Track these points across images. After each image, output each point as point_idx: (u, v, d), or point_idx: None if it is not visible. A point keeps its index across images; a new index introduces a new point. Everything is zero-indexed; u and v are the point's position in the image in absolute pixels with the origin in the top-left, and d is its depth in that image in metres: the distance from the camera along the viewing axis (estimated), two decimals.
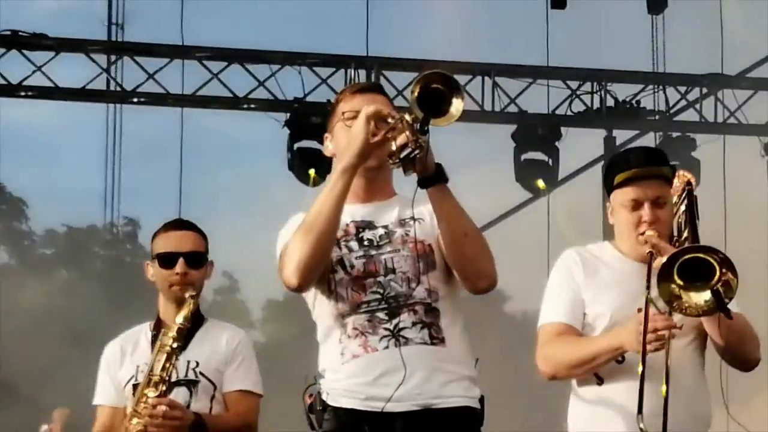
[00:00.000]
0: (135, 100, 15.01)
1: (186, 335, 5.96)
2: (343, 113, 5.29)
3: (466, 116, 15.13)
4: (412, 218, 5.14)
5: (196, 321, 6.07)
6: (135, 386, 5.93)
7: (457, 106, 4.80)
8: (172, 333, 5.86)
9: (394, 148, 4.92)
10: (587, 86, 15.96)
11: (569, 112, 15.99)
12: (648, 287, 5.20)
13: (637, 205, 5.43)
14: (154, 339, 6.05)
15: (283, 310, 23.14)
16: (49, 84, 15.29)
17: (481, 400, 5.20)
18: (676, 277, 5.08)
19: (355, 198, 5.17)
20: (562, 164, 15.68)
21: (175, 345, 5.86)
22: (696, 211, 5.58)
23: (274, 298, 24.19)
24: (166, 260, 6.11)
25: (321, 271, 5.09)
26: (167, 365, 5.82)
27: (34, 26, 15.49)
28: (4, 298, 17.27)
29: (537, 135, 15.59)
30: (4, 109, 16.08)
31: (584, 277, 5.52)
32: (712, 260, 5.05)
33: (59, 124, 15.83)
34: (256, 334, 25.20)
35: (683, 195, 5.57)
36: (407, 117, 4.80)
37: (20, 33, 15.30)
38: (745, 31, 16.82)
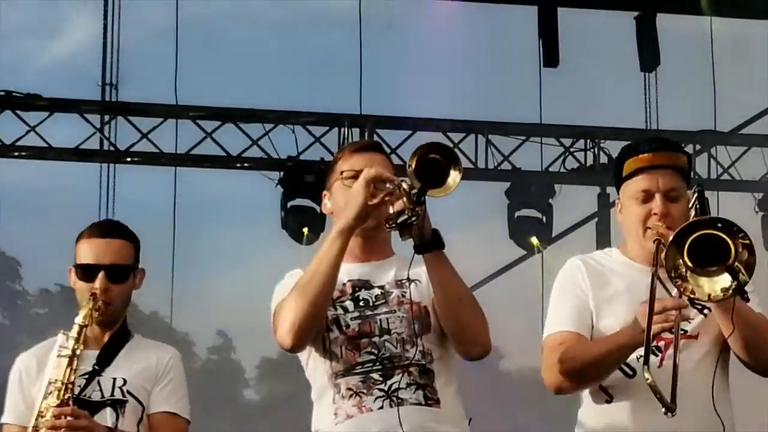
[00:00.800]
0: (128, 159, 15.03)
1: (110, 351, 5.60)
2: (342, 172, 5.32)
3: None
4: (408, 279, 5.12)
5: (122, 337, 5.69)
6: None
7: (454, 177, 4.81)
8: (73, 334, 5.40)
9: (391, 211, 4.92)
10: (580, 143, 16.01)
11: (563, 170, 16.01)
12: (655, 265, 4.84)
13: (648, 197, 5.12)
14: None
15: (277, 368, 23.16)
16: (42, 144, 15.26)
17: None
18: (685, 256, 4.62)
19: (352, 257, 5.17)
20: (556, 221, 15.71)
21: (75, 347, 5.40)
22: (709, 212, 5.06)
23: (268, 356, 24.25)
24: (86, 272, 5.59)
25: (315, 331, 5.07)
26: (68, 370, 5.34)
27: (28, 86, 15.49)
28: None
29: (531, 192, 15.64)
30: None
31: (590, 285, 5.21)
32: (728, 239, 4.59)
33: (53, 183, 15.79)
34: (250, 393, 25.18)
35: (694, 197, 5.07)
36: (405, 185, 4.82)
37: (14, 93, 15.29)
38: (737, 88, 16.88)
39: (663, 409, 4.57)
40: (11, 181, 16.51)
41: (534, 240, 15.62)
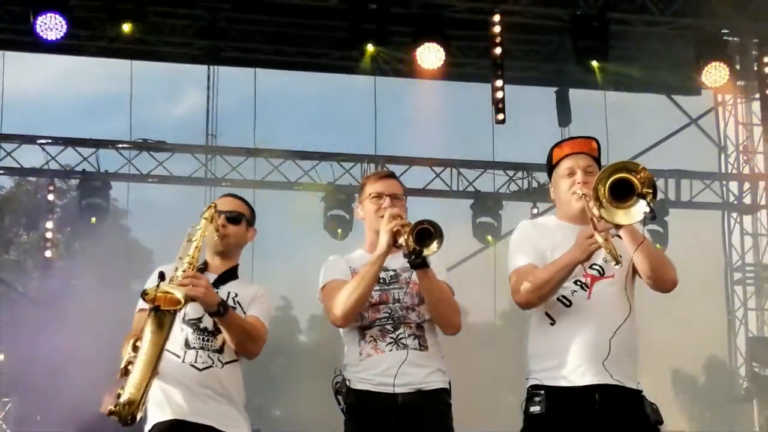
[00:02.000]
0: (223, 184, 15.04)
1: (225, 278, 5.36)
2: (370, 194, 5.44)
3: (441, 194, 14.91)
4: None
5: (233, 272, 5.41)
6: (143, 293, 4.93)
7: (437, 245, 4.94)
8: (199, 226, 5.19)
9: (401, 241, 5.05)
10: (519, 174, 16.01)
11: (508, 191, 16.00)
12: (589, 210, 4.71)
13: (572, 173, 5.01)
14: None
15: (320, 322, 23.11)
16: (167, 174, 15.37)
17: (449, 383, 5.28)
18: (607, 195, 4.54)
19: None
20: (503, 225, 15.68)
21: (200, 234, 5.16)
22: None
23: (314, 313, 24.12)
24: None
25: (359, 314, 5.20)
26: (194, 251, 5.08)
27: (157, 135, 15.58)
28: None
29: (487, 206, 15.64)
30: (137, 191, 16.12)
31: (538, 237, 5.04)
32: (631, 177, 4.51)
33: (172, 201, 15.76)
34: (303, 337, 25.11)
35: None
36: (410, 239, 4.95)
37: (148, 140, 15.37)
38: (622, 136, 16.90)
39: (613, 262, 4.55)
40: (145, 199, 16.54)
41: (489, 238, 15.65)
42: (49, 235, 15.40)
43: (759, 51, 14.94)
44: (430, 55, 13.09)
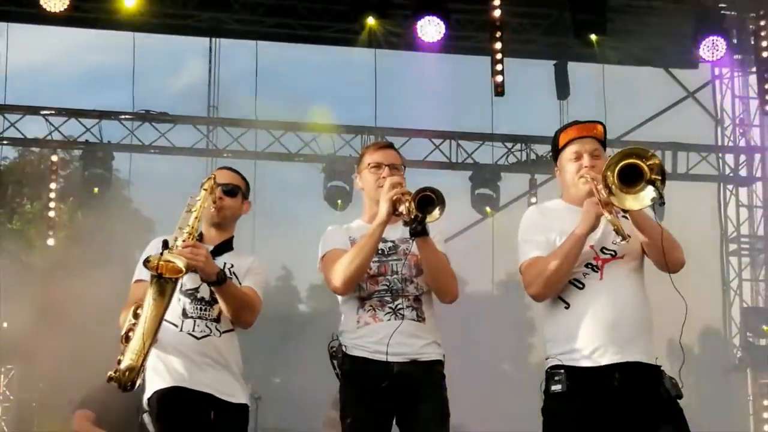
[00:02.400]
0: (224, 155, 15.07)
1: (221, 249, 5.40)
2: (369, 164, 5.48)
3: (440, 165, 14.96)
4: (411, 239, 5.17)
5: (229, 244, 5.47)
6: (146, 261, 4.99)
7: (439, 211, 4.97)
8: (199, 197, 5.25)
9: (401, 209, 5.08)
10: (518, 146, 16.05)
11: (506, 163, 16.04)
12: (596, 194, 4.77)
13: (578, 157, 5.02)
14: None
15: (320, 291, 23.16)
16: (169, 145, 15.43)
17: (443, 355, 5.34)
18: (615, 177, 4.58)
19: None
20: (501, 197, 15.76)
21: (200, 204, 5.21)
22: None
23: (314, 283, 24.15)
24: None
25: (358, 283, 5.23)
26: (194, 221, 5.15)
27: (159, 107, 15.62)
28: None
29: (485, 178, 15.69)
30: (139, 162, 16.13)
31: (545, 223, 5.02)
32: (641, 163, 4.55)
33: (174, 171, 15.80)
34: (303, 307, 25.15)
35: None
36: (412, 205, 4.97)
37: (150, 111, 15.41)
38: (621, 108, 16.90)
39: (620, 238, 4.60)
40: (147, 170, 16.56)
41: (487, 209, 15.70)
42: (52, 205, 15.46)
43: (756, 25, 15.01)
44: (431, 28, 13.17)
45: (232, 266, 5.42)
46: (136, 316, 4.88)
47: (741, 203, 17.10)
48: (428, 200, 4.95)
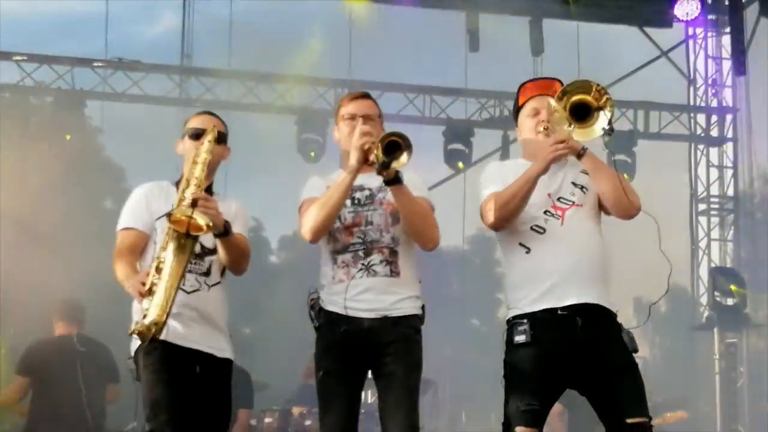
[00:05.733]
0: (197, 105, 14.98)
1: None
2: (343, 115, 5.41)
3: (413, 120, 14.89)
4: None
5: (210, 190, 5.31)
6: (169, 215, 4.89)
7: (407, 156, 4.90)
8: (205, 148, 5.19)
9: (371, 158, 5.00)
10: (491, 102, 16.04)
11: (479, 119, 16.02)
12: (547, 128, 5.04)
13: (536, 113, 5.15)
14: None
15: (291, 243, 23.18)
16: (141, 93, 15.31)
17: (423, 307, 5.28)
18: (567, 115, 4.81)
19: None
20: (474, 152, 15.76)
21: (205, 156, 5.16)
22: None
23: (285, 234, 24.11)
24: (198, 135, 5.35)
25: (328, 231, 5.16)
26: (201, 173, 5.12)
27: (133, 55, 15.49)
28: None
29: (458, 133, 15.68)
30: (111, 110, 16.00)
31: (506, 175, 5.11)
32: (588, 97, 4.79)
33: (147, 121, 15.69)
34: (274, 258, 25.17)
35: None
36: (379, 152, 4.91)
37: (123, 60, 15.28)
38: (595, 64, 16.91)
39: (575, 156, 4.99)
40: (119, 118, 16.43)
41: (460, 164, 15.70)
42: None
43: None
44: None
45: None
46: (158, 270, 4.80)
47: (711, 163, 17.18)
48: (395, 145, 4.90)
